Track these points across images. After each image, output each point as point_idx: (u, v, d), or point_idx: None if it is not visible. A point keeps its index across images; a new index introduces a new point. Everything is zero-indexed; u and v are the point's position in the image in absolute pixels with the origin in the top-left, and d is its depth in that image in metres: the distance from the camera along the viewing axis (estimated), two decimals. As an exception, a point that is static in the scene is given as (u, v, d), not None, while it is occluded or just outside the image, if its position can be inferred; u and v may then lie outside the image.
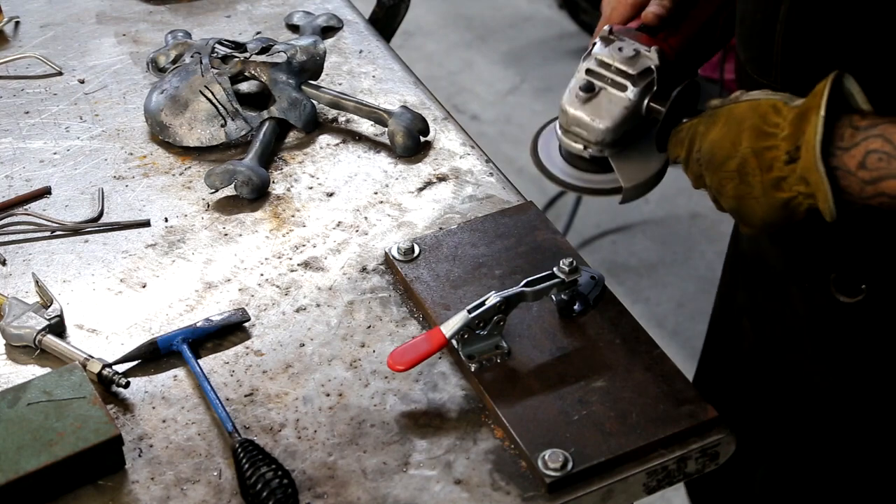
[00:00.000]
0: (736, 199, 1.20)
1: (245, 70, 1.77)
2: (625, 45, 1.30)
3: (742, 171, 1.18)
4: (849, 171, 1.11)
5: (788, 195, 1.15)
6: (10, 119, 1.81)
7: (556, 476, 1.21)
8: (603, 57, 1.29)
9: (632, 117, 1.29)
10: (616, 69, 1.28)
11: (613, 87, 1.29)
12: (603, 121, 1.28)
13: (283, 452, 1.26)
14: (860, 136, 1.11)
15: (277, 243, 1.55)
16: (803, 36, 1.24)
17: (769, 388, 1.55)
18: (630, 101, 1.28)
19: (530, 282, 1.35)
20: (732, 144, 1.19)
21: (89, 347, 1.39)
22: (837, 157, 1.11)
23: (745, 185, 1.18)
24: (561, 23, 4.46)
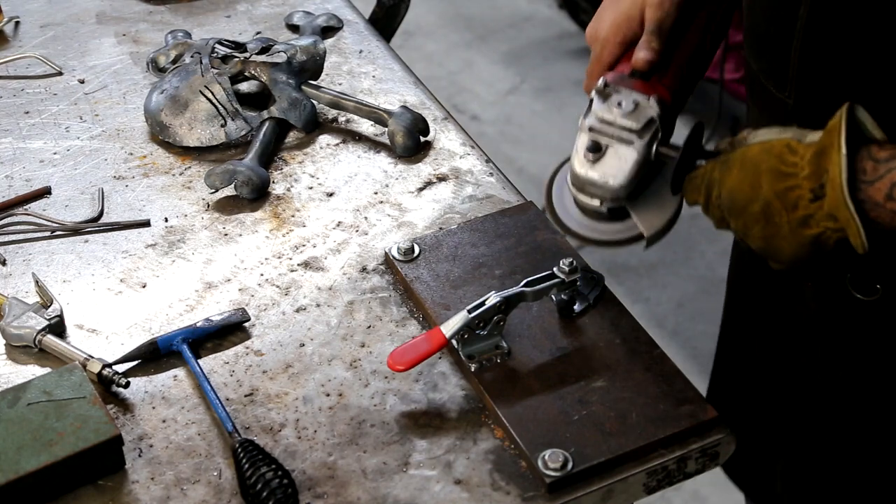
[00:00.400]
0: (764, 239, 1.20)
1: (245, 70, 1.77)
2: (622, 97, 1.29)
3: (767, 213, 1.18)
4: (877, 204, 1.11)
5: (817, 231, 1.15)
6: (10, 119, 1.81)
7: (556, 476, 1.21)
8: (603, 114, 1.29)
9: (643, 168, 1.29)
10: (619, 125, 1.28)
11: (620, 142, 1.28)
12: (616, 178, 1.28)
13: (283, 452, 1.26)
14: (883, 169, 1.11)
15: (277, 243, 1.55)
16: (821, 51, 1.23)
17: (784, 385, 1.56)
18: (639, 155, 1.28)
19: (530, 282, 1.35)
20: (752, 188, 1.18)
21: (89, 347, 1.39)
22: (862, 190, 1.12)
23: (772, 226, 1.18)
24: (561, 23, 4.46)
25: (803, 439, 1.56)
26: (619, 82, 1.31)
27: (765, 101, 1.37)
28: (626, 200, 1.32)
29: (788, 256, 1.20)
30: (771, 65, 1.31)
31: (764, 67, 1.33)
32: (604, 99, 1.30)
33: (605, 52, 1.36)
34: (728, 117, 3.64)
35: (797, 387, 1.53)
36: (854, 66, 1.22)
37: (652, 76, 1.31)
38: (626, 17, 1.35)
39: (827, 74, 1.24)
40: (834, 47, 1.23)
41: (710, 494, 2.81)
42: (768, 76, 1.32)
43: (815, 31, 1.23)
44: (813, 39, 1.24)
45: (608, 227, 1.35)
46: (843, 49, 1.22)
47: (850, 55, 1.22)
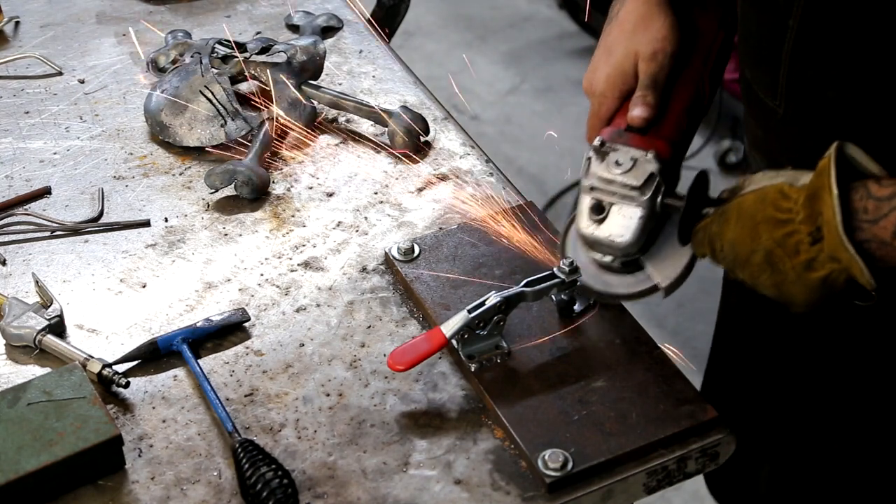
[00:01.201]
0: (774, 287, 1.20)
1: (245, 70, 1.77)
2: (620, 155, 1.29)
3: (770, 262, 1.18)
4: (884, 242, 1.11)
5: (823, 273, 1.15)
6: (10, 119, 1.81)
7: (556, 476, 1.21)
8: (603, 173, 1.29)
9: (649, 222, 1.29)
10: (620, 183, 1.28)
11: (623, 200, 1.29)
12: (623, 237, 1.29)
13: (283, 452, 1.26)
14: (886, 207, 1.10)
15: (277, 243, 1.55)
16: (811, 61, 1.24)
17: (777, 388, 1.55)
18: (643, 211, 1.28)
19: (530, 282, 1.35)
20: (752, 239, 1.18)
21: (89, 347, 1.39)
22: (865, 230, 1.11)
23: (778, 273, 1.18)
24: (561, 23, 4.46)
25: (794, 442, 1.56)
26: (616, 139, 1.31)
27: (758, 109, 1.37)
28: (637, 254, 1.32)
29: (802, 300, 1.19)
30: (763, 73, 1.31)
31: (756, 76, 1.33)
32: (601, 158, 1.30)
33: (603, 107, 1.36)
34: (728, 117, 3.64)
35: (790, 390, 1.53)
36: (843, 77, 1.22)
37: (649, 130, 1.31)
38: (620, 71, 1.34)
39: (816, 84, 1.24)
40: (823, 58, 1.23)
41: (709, 494, 2.81)
42: (760, 84, 1.32)
43: (804, 42, 1.23)
44: (803, 50, 1.24)
45: (624, 280, 1.35)
46: (833, 59, 1.22)
47: (839, 66, 1.22)
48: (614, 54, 1.36)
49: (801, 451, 1.55)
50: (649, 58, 1.33)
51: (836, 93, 1.22)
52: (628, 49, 1.35)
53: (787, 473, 1.58)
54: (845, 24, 1.19)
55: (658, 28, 1.34)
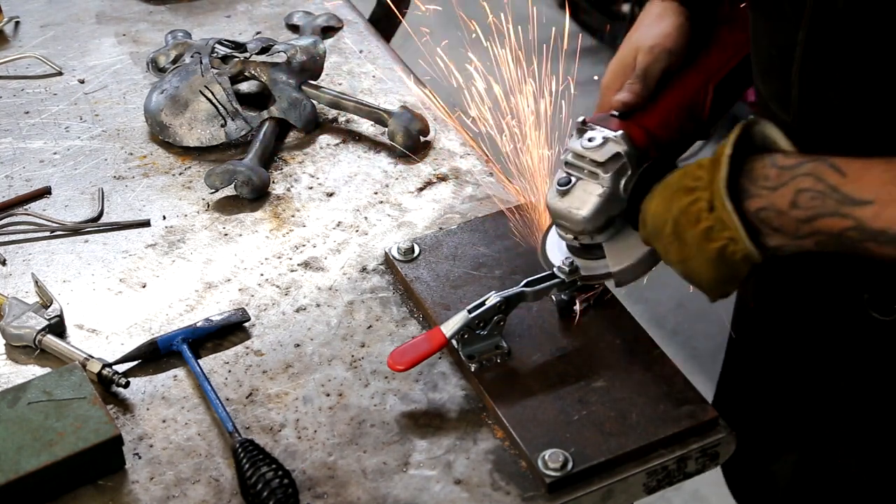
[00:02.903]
0: (680, 262, 1.21)
1: (245, 70, 1.77)
2: (594, 133, 1.32)
3: (677, 232, 1.19)
4: (781, 211, 1.11)
5: (719, 244, 1.15)
6: (10, 119, 1.81)
7: (556, 476, 1.21)
8: (576, 149, 1.32)
9: (609, 202, 1.31)
10: (589, 160, 1.31)
11: (588, 176, 1.31)
12: (580, 211, 1.31)
13: (283, 452, 1.26)
14: (787, 176, 1.11)
15: (277, 243, 1.55)
16: (820, 75, 1.24)
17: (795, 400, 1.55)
18: (603, 189, 1.30)
19: (530, 282, 1.35)
20: (666, 210, 1.20)
21: (89, 347, 1.39)
22: (764, 196, 1.12)
23: (684, 246, 1.18)
24: (561, 23, 4.46)
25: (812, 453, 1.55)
26: (598, 121, 1.34)
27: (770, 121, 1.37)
28: (600, 235, 1.33)
29: (706, 277, 1.19)
30: (774, 86, 1.31)
31: (769, 90, 1.33)
32: (580, 135, 1.33)
33: (605, 99, 1.39)
34: (728, 117, 3.64)
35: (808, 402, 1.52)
36: (853, 88, 1.21)
37: (631, 117, 1.33)
38: (622, 64, 1.38)
39: (826, 98, 1.24)
40: (832, 69, 1.23)
41: (710, 494, 2.81)
42: (772, 97, 1.33)
43: (813, 54, 1.23)
44: (812, 62, 1.24)
45: (587, 263, 1.36)
46: (842, 73, 1.22)
47: (848, 77, 1.22)
48: (621, 50, 1.40)
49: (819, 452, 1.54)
50: (646, 50, 1.36)
51: (845, 104, 1.22)
52: (632, 43, 1.38)
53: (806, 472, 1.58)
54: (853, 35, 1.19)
55: (664, 26, 1.38)
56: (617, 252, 1.35)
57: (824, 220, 1.10)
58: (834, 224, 1.09)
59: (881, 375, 1.42)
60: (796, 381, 1.54)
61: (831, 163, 1.10)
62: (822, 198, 1.09)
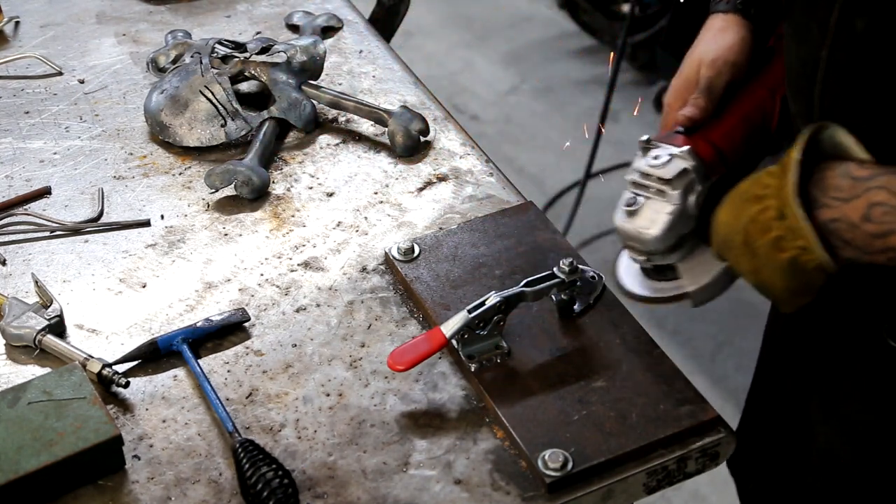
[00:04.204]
0: (752, 273, 1.18)
1: (245, 70, 1.77)
2: (660, 151, 1.30)
3: (747, 242, 1.16)
4: (853, 224, 1.08)
5: (791, 254, 1.12)
6: (10, 119, 1.81)
7: (556, 476, 1.21)
8: (641, 168, 1.30)
9: (679, 220, 1.29)
10: (655, 178, 1.29)
11: (656, 195, 1.29)
12: (650, 231, 1.29)
13: (283, 452, 1.26)
14: (860, 188, 1.08)
15: (277, 243, 1.55)
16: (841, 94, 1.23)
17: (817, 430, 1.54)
18: (673, 207, 1.28)
19: (530, 282, 1.35)
20: (736, 219, 1.17)
21: (89, 347, 1.39)
22: (836, 207, 1.09)
23: (754, 256, 1.15)
24: (561, 23, 4.46)
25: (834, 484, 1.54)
26: (663, 139, 1.32)
27: None
28: (672, 254, 1.32)
29: (779, 288, 1.16)
30: (801, 106, 1.31)
31: (797, 108, 1.33)
32: (644, 154, 1.31)
33: (669, 117, 1.38)
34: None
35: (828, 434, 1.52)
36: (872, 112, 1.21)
37: (697, 132, 1.32)
38: (685, 81, 1.37)
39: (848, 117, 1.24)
40: (852, 93, 1.22)
41: (710, 494, 2.81)
42: (799, 116, 1.32)
43: (834, 77, 1.22)
44: (833, 84, 1.23)
45: (660, 285, 1.35)
46: (862, 95, 1.21)
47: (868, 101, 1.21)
48: (683, 66, 1.38)
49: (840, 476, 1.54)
50: (709, 64, 1.35)
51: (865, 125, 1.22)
52: (694, 58, 1.37)
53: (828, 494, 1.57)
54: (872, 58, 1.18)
55: (727, 39, 1.36)
56: (692, 271, 1.33)
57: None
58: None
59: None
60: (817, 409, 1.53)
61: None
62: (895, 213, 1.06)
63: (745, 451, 1.70)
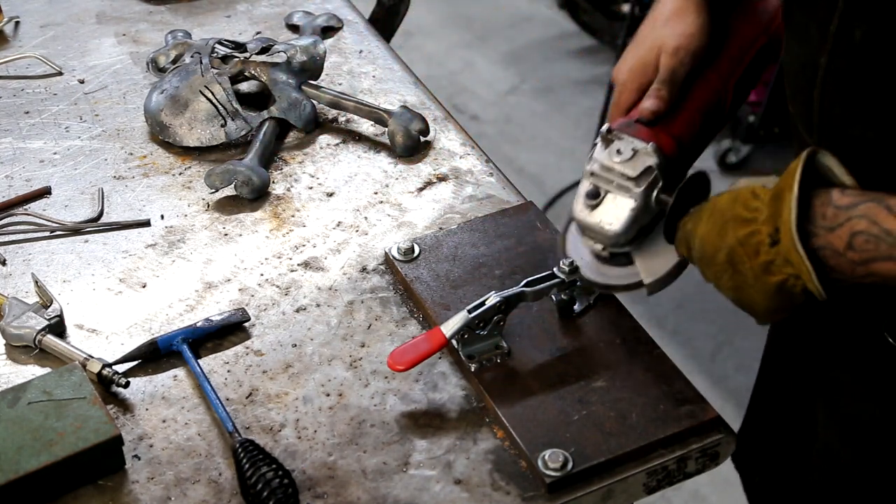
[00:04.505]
0: (733, 290, 1.19)
1: (245, 70, 1.77)
2: (623, 144, 1.29)
3: (732, 262, 1.17)
4: (837, 252, 1.10)
5: (780, 278, 1.13)
6: (10, 119, 1.81)
7: (556, 476, 1.21)
8: (603, 161, 1.30)
9: (641, 216, 1.29)
10: (618, 172, 1.29)
11: (618, 189, 1.29)
12: (612, 225, 1.29)
13: (283, 452, 1.26)
14: (843, 216, 1.10)
15: (277, 243, 1.55)
16: (840, 98, 1.23)
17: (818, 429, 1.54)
18: (635, 203, 1.28)
19: (530, 282, 1.35)
20: (719, 237, 1.18)
21: (89, 347, 1.39)
22: (822, 236, 1.11)
23: (739, 275, 1.17)
24: (561, 23, 4.46)
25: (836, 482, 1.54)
26: (624, 129, 1.31)
27: (800, 145, 1.37)
28: (629, 246, 1.32)
29: (761, 307, 1.18)
30: (800, 109, 1.31)
31: (796, 111, 1.33)
32: (606, 145, 1.30)
33: (623, 96, 1.37)
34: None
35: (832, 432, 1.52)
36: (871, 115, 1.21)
37: (658, 123, 1.31)
38: (642, 63, 1.35)
39: (845, 123, 1.24)
40: (851, 99, 1.22)
41: (710, 494, 2.82)
42: (799, 120, 1.32)
43: (833, 83, 1.22)
44: (831, 90, 1.23)
45: (614, 271, 1.36)
46: (860, 101, 1.21)
47: (868, 103, 1.21)
48: (640, 46, 1.36)
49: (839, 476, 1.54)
50: (671, 52, 1.33)
51: (862, 132, 1.22)
52: (654, 42, 1.35)
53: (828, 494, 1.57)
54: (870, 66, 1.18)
55: (687, 24, 1.34)
56: (648, 262, 1.33)
57: (879, 264, 1.09)
58: (889, 268, 1.08)
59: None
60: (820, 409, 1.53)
61: (887, 204, 1.08)
62: (875, 241, 1.08)
63: (749, 447, 1.71)
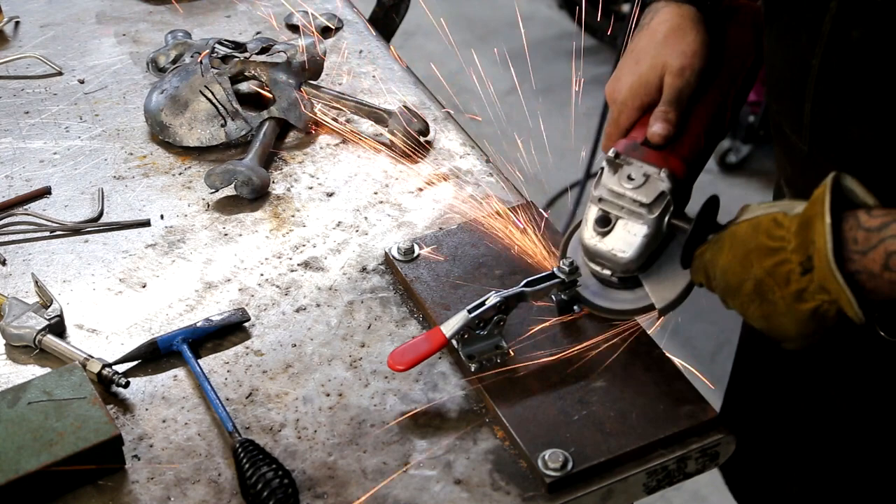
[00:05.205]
0: (763, 318, 1.18)
1: (245, 70, 1.77)
2: (633, 170, 1.27)
3: (760, 291, 1.16)
4: (873, 274, 1.09)
5: (813, 304, 1.12)
6: (10, 119, 1.81)
7: (556, 476, 1.20)
8: (613, 186, 1.27)
9: (653, 242, 1.27)
10: (630, 199, 1.26)
11: (630, 216, 1.27)
12: (625, 253, 1.27)
13: (283, 452, 1.26)
14: (875, 238, 1.08)
15: (277, 243, 1.55)
16: (833, 100, 1.22)
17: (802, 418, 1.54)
18: (649, 230, 1.26)
19: (530, 282, 1.35)
20: (743, 268, 1.16)
21: (89, 347, 1.39)
22: (856, 261, 1.09)
23: (768, 304, 1.15)
24: (561, 23, 4.46)
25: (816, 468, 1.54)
26: (631, 152, 1.28)
27: (785, 145, 1.35)
28: (637, 271, 1.31)
29: (793, 333, 1.17)
30: (788, 109, 1.29)
31: (782, 111, 1.31)
32: (614, 170, 1.28)
33: (623, 116, 1.34)
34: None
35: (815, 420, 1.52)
36: (866, 115, 1.20)
37: (666, 146, 1.29)
38: (644, 82, 1.32)
39: (839, 123, 1.23)
40: (845, 97, 1.21)
41: (710, 494, 2.81)
42: (786, 120, 1.31)
43: (827, 81, 1.21)
44: (825, 89, 1.22)
45: (622, 295, 1.34)
46: (855, 98, 1.20)
47: (861, 104, 1.20)
48: (641, 64, 1.33)
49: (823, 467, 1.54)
50: (677, 73, 1.30)
51: (859, 131, 1.21)
52: (656, 60, 1.32)
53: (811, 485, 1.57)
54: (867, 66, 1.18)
55: (689, 43, 1.32)
56: (658, 286, 1.32)
57: None
58: None
59: (888, 394, 1.41)
60: (803, 396, 1.53)
61: None
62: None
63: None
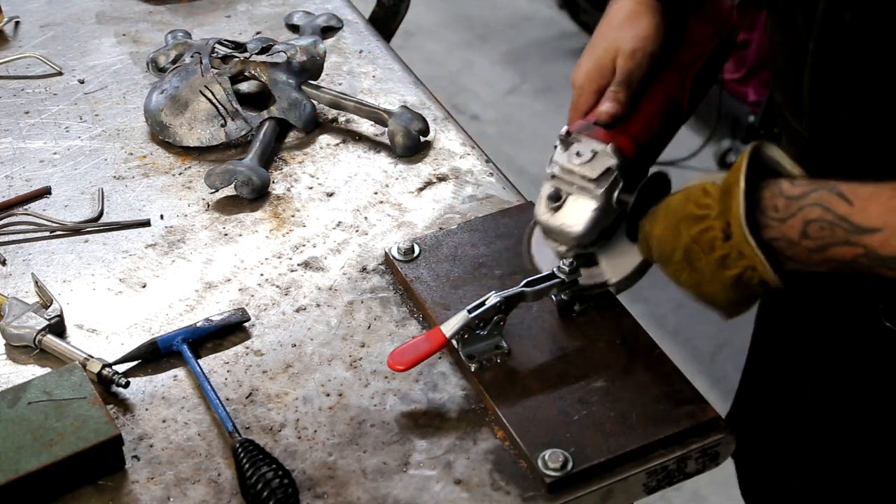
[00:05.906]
0: (693, 286, 1.21)
1: (245, 70, 1.77)
2: (582, 146, 1.31)
3: (689, 259, 1.19)
4: (792, 242, 1.12)
5: (735, 271, 1.15)
6: (10, 119, 1.81)
7: (556, 476, 1.21)
8: (563, 163, 1.31)
9: (603, 216, 1.31)
10: (578, 174, 1.30)
11: (579, 191, 1.31)
12: (574, 227, 1.31)
13: (283, 452, 1.26)
14: (795, 207, 1.11)
15: (277, 243, 1.55)
16: (830, 85, 1.23)
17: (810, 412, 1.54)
18: (597, 205, 1.30)
19: (530, 282, 1.35)
20: (674, 236, 1.20)
21: (89, 347, 1.39)
22: (775, 227, 1.12)
23: (696, 272, 1.19)
24: (561, 23, 4.46)
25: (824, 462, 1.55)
26: (582, 131, 1.33)
27: (789, 133, 1.38)
28: (592, 247, 1.34)
29: (722, 301, 1.19)
30: (788, 96, 1.31)
31: (784, 98, 1.33)
32: (565, 148, 1.32)
33: (581, 99, 1.38)
34: (728, 117, 3.64)
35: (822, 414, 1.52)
36: (862, 100, 1.21)
37: (616, 125, 1.32)
38: (598, 66, 1.36)
39: (836, 108, 1.24)
40: (841, 84, 1.22)
41: (710, 494, 2.82)
42: (787, 107, 1.33)
43: (823, 65, 1.23)
44: (821, 73, 1.23)
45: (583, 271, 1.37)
46: (850, 86, 1.22)
47: (857, 89, 1.21)
48: (597, 49, 1.37)
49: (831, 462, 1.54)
50: (628, 55, 1.34)
51: (855, 116, 1.22)
52: (609, 45, 1.36)
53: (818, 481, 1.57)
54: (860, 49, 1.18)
55: (643, 27, 1.35)
56: (613, 262, 1.35)
57: (835, 249, 1.10)
58: (845, 252, 1.10)
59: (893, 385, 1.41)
60: (811, 390, 1.53)
61: (838, 191, 1.10)
62: (830, 228, 1.09)
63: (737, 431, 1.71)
